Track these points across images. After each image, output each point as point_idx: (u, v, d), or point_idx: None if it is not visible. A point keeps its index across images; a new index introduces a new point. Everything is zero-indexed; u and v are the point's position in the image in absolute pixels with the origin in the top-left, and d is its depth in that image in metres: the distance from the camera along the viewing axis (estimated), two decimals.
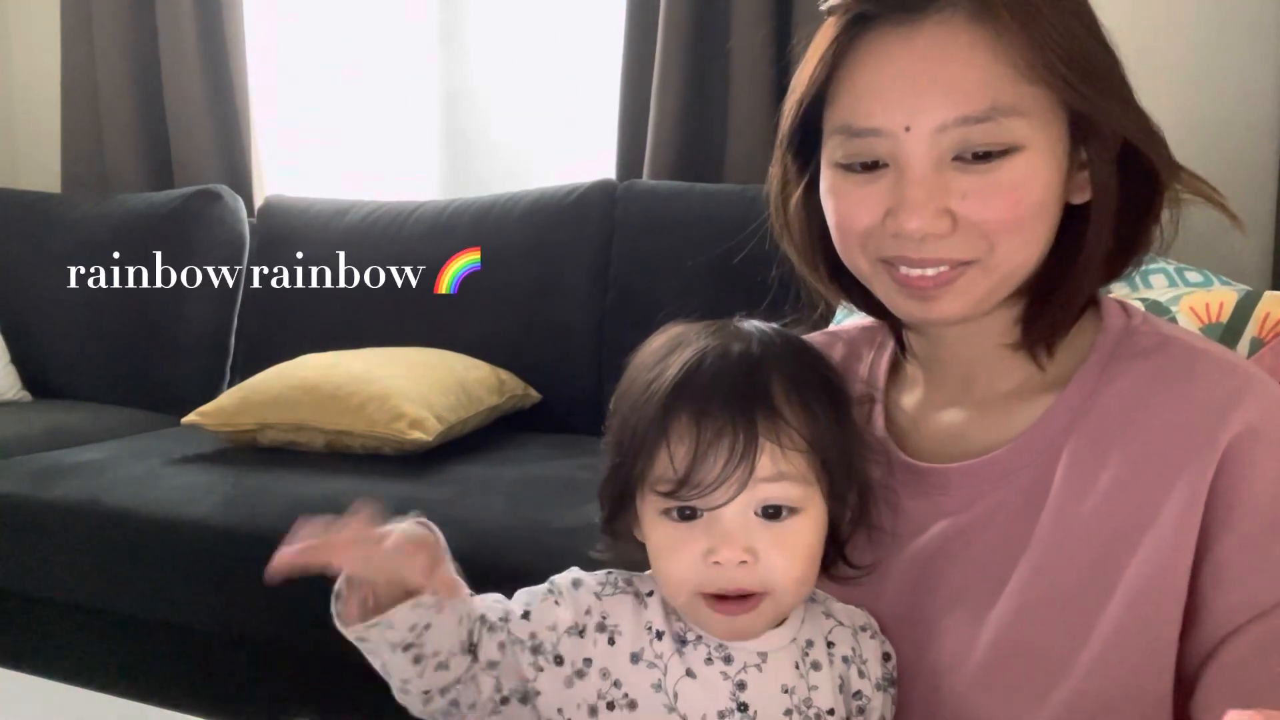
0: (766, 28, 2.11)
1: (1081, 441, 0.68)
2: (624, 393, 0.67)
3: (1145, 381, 0.67)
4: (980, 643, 0.67)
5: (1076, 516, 0.66)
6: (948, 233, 0.64)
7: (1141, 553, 0.63)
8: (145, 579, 1.74)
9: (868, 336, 0.84)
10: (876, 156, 0.66)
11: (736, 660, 0.64)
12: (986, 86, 0.63)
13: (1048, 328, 0.70)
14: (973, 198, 0.64)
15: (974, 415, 0.74)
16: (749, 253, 0.84)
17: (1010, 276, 0.67)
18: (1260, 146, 1.90)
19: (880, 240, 0.67)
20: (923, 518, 0.72)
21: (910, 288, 0.67)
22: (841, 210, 0.69)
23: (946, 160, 0.64)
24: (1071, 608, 0.65)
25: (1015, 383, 0.73)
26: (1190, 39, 1.93)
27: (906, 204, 0.64)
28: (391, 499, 1.73)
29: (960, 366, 0.75)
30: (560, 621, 0.65)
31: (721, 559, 0.61)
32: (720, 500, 0.61)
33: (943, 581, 0.71)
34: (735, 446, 0.60)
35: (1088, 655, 0.63)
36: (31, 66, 3.03)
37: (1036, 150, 0.64)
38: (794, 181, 0.76)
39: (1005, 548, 0.68)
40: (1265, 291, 1.35)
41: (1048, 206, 0.66)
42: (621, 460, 0.65)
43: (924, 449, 0.75)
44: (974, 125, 0.63)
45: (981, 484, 0.71)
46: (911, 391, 0.79)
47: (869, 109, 0.65)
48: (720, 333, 0.66)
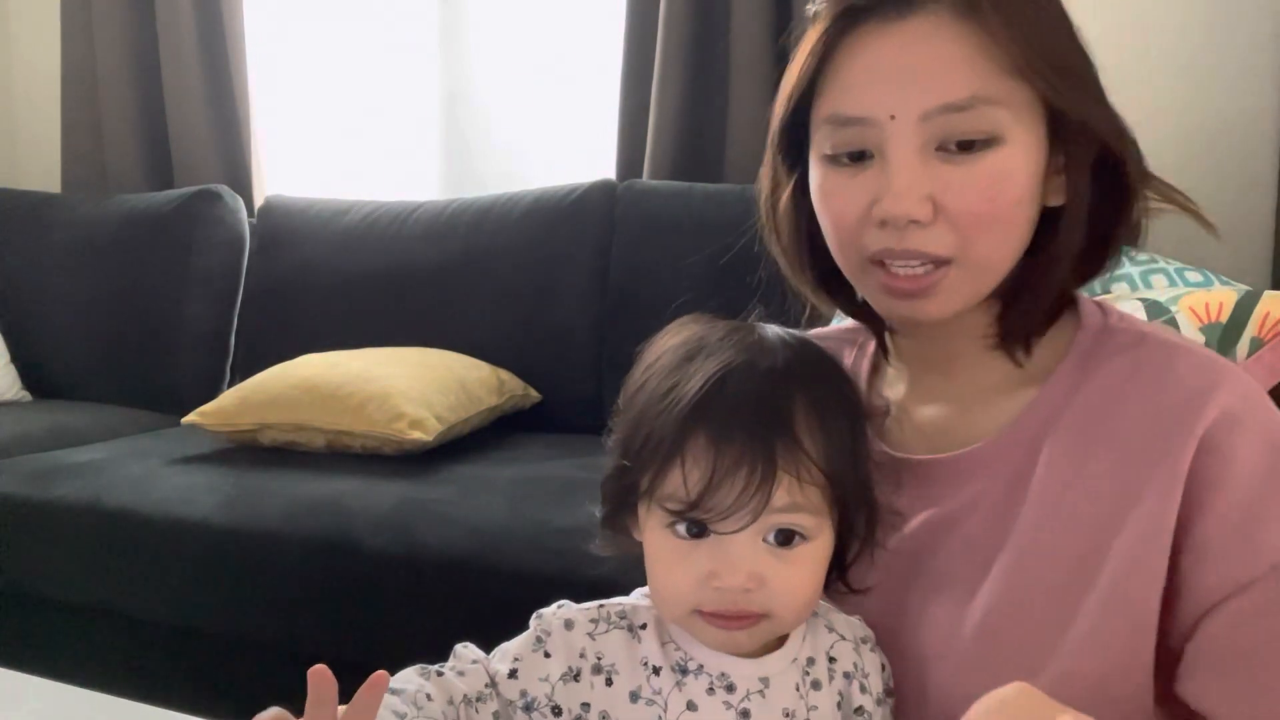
0: (766, 28, 2.11)
1: (1064, 433, 0.70)
2: (636, 391, 0.66)
3: (1124, 375, 0.69)
4: (966, 629, 0.68)
5: (1061, 504, 0.68)
6: (929, 220, 0.66)
7: (1124, 535, 0.65)
8: (145, 579, 1.74)
9: (849, 338, 0.85)
10: (863, 146, 0.68)
11: (739, 689, 0.63)
12: (969, 77, 0.65)
13: (1024, 327, 0.72)
14: (955, 188, 0.66)
15: (956, 409, 0.76)
16: (748, 253, 0.84)
17: (989, 273, 0.69)
18: (1260, 146, 1.90)
19: (866, 232, 0.69)
20: (906, 510, 0.73)
21: (896, 289, 0.69)
22: (831, 204, 0.71)
23: (930, 149, 0.66)
24: (1057, 591, 0.66)
25: (996, 378, 0.74)
26: (1190, 39, 1.93)
27: (890, 189, 0.66)
28: (391, 499, 1.75)
29: (942, 363, 0.77)
30: (552, 672, 0.64)
31: (724, 585, 0.60)
32: (731, 528, 0.60)
33: (927, 571, 0.72)
34: (753, 478, 0.59)
35: (1074, 636, 0.65)
36: (31, 66, 3.03)
37: (1016, 145, 0.66)
38: (784, 182, 0.78)
39: (988, 536, 0.70)
40: (1265, 291, 1.36)
41: (1025, 204, 0.68)
42: (629, 464, 0.64)
43: (906, 443, 0.77)
44: (956, 114, 0.65)
45: (964, 475, 0.72)
46: (892, 388, 0.81)
47: (856, 98, 0.68)
48: (744, 344, 0.64)
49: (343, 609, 1.60)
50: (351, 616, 1.59)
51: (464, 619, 1.49)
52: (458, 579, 1.52)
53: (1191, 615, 0.64)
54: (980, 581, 0.69)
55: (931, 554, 0.72)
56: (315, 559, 1.60)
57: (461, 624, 0.89)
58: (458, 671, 0.64)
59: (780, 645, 0.65)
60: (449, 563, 1.53)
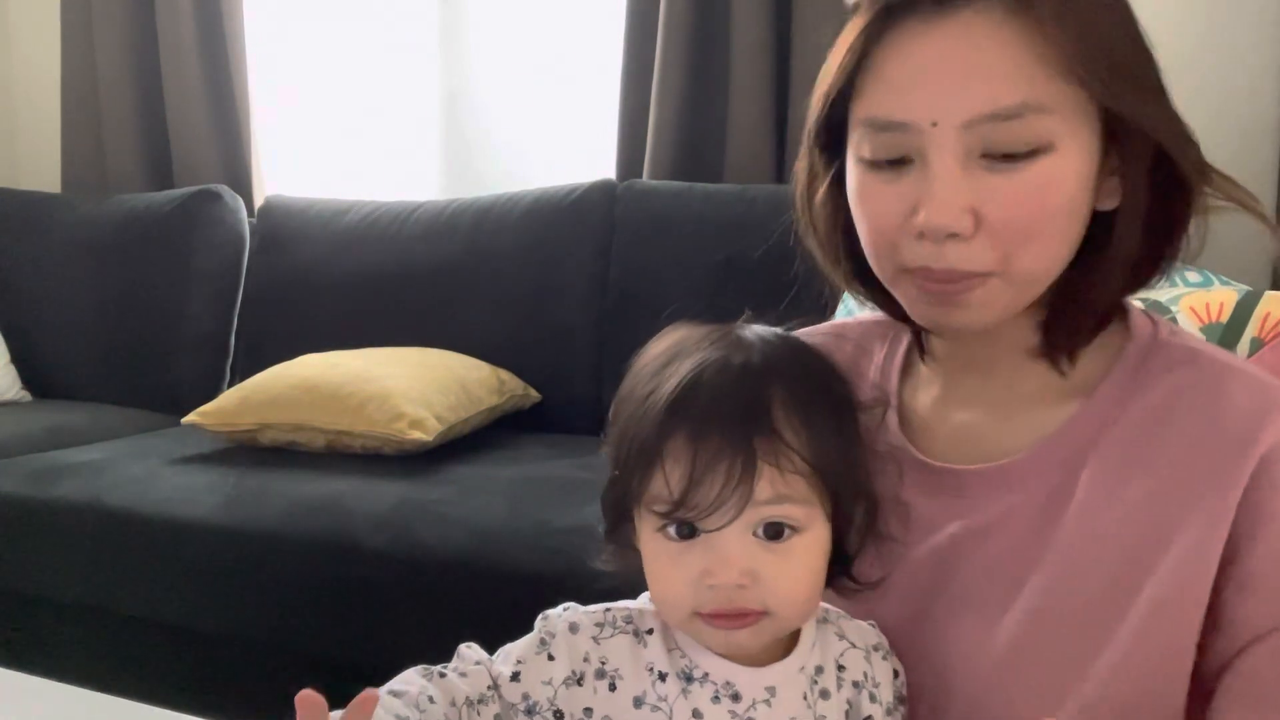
0: (766, 28, 2.11)
1: (1109, 451, 0.67)
2: (622, 401, 0.65)
3: (1175, 395, 0.66)
4: (995, 646, 0.66)
5: (1101, 526, 0.65)
6: (969, 233, 0.62)
7: (1166, 563, 0.63)
8: (145, 579, 1.74)
9: (880, 331, 0.81)
10: (903, 152, 0.64)
11: (745, 698, 0.62)
12: (1019, 82, 0.61)
13: (1069, 335, 0.69)
14: (998, 198, 0.62)
15: (992, 417, 0.73)
16: (747, 254, 0.83)
17: (1032, 284, 0.66)
18: (1260, 146, 1.90)
19: (904, 243, 0.65)
20: (936, 518, 0.71)
21: (933, 294, 0.66)
22: (867, 210, 0.67)
23: (974, 157, 0.62)
24: (1092, 615, 0.64)
25: (1036, 386, 0.71)
26: (1190, 39, 1.93)
27: (930, 200, 0.62)
28: (391, 499, 1.75)
29: (980, 368, 0.73)
30: (555, 675, 0.63)
31: (718, 582, 0.60)
32: (717, 524, 0.59)
33: (954, 583, 0.70)
34: (732, 471, 0.58)
35: (1106, 662, 0.63)
36: (31, 66, 3.03)
37: (1066, 151, 0.62)
38: (821, 176, 0.74)
39: (1021, 552, 0.68)
40: (1265, 291, 1.36)
41: (1074, 211, 0.64)
42: (620, 473, 0.64)
43: (939, 448, 0.74)
44: (1003, 122, 0.61)
45: (999, 488, 0.69)
46: (927, 389, 0.77)
47: (895, 102, 0.63)
48: (721, 342, 0.63)
49: (343, 609, 1.60)
50: (351, 616, 1.59)
51: (464, 619, 1.48)
52: (458, 579, 1.52)
53: (1230, 648, 0.62)
54: (1011, 600, 0.67)
55: (960, 566, 0.70)
56: (315, 559, 1.60)
57: (461, 624, 0.89)
58: (460, 673, 0.64)
59: (787, 653, 0.64)
60: (449, 563, 1.53)
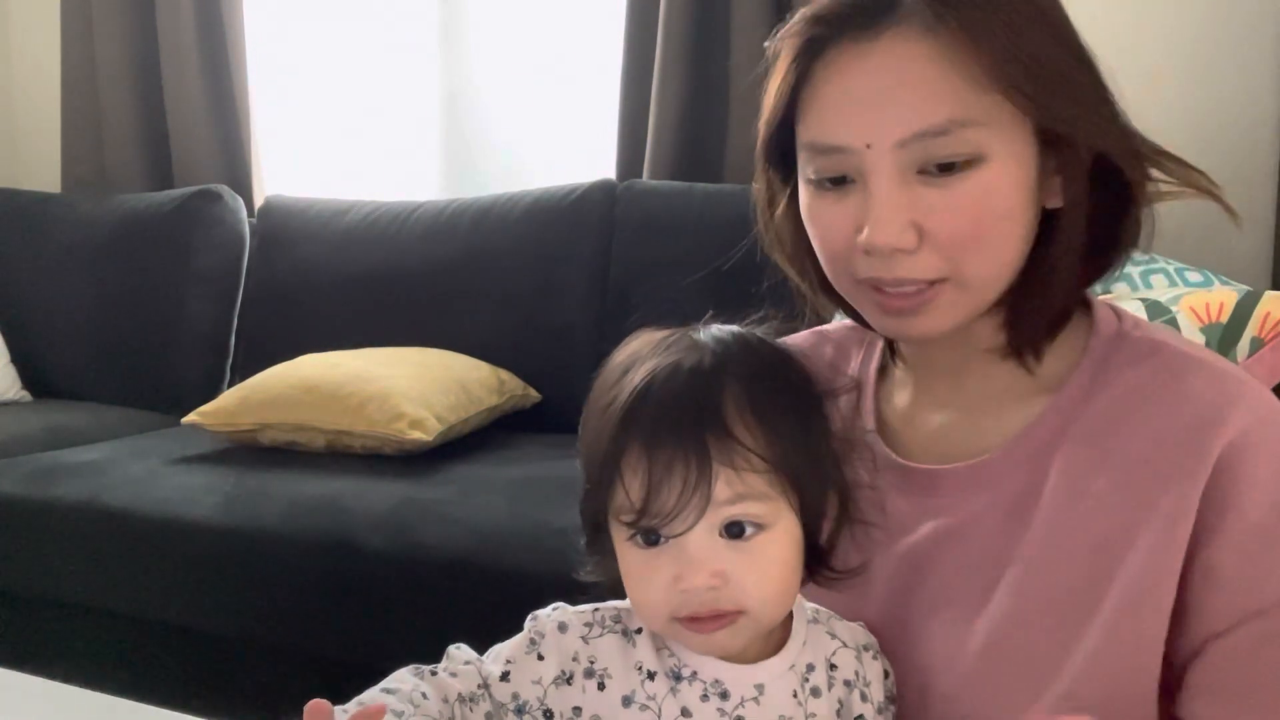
0: (766, 28, 2.11)
1: (1075, 447, 0.68)
2: (587, 413, 0.66)
3: (1139, 387, 0.67)
4: (972, 644, 0.67)
5: (1070, 521, 0.66)
6: (913, 247, 0.64)
7: (1134, 556, 0.64)
8: (145, 579, 1.74)
9: (856, 336, 0.83)
10: (844, 172, 0.66)
11: (733, 695, 0.62)
12: (943, 99, 0.63)
13: (1032, 332, 0.70)
14: (938, 211, 0.64)
15: (964, 416, 0.74)
16: (747, 254, 0.83)
17: (984, 288, 0.67)
18: (1260, 146, 1.90)
19: (855, 258, 0.67)
20: (911, 518, 0.72)
21: (889, 308, 0.68)
22: (818, 229, 0.70)
23: (911, 173, 0.64)
24: (1065, 611, 0.65)
25: (1006, 385, 0.72)
26: (1190, 40, 1.93)
27: (872, 220, 0.64)
28: (391, 499, 1.74)
29: (950, 370, 0.75)
30: (544, 675, 0.63)
31: (689, 585, 0.60)
32: (680, 529, 0.59)
33: (930, 582, 0.71)
34: (689, 475, 0.58)
35: (1080, 657, 0.64)
36: (31, 66, 3.03)
37: (1001, 159, 0.64)
38: (779, 194, 0.76)
39: (995, 550, 0.69)
40: (1265, 291, 1.35)
41: (1016, 215, 0.65)
42: (590, 486, 0.65)
43: (913, 449, 0.75)
44: (934, 139, 0.63)
45: (972, 486, 0.71)
46: (900, 391, 0.79)
47: (831, 127, 0.66)
48: (675, 347, 0.64)
49: (342, 609, 1.60)
50: (351, 616, 1.59)
51: (463, 619, 1.49)
52: (457, 579, 1.52)
53: (1198, 638, 0.63)
54: (986, 597, 0.68)
55: (937, 564, 0.71)
56: (315, 559, 1.60)
57: (460, 624, 0.89)
58: (450, 672, 0.64)
59: (776, 651, 0.64)
60: (449, 563, 1.53)
